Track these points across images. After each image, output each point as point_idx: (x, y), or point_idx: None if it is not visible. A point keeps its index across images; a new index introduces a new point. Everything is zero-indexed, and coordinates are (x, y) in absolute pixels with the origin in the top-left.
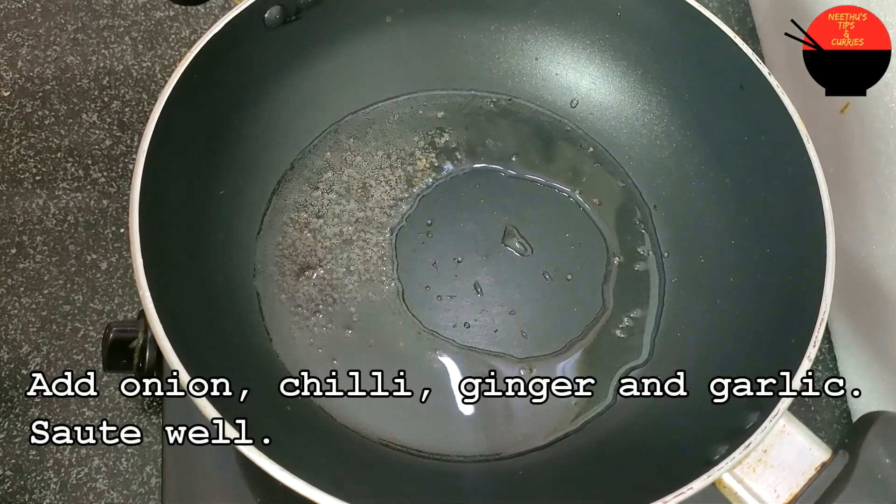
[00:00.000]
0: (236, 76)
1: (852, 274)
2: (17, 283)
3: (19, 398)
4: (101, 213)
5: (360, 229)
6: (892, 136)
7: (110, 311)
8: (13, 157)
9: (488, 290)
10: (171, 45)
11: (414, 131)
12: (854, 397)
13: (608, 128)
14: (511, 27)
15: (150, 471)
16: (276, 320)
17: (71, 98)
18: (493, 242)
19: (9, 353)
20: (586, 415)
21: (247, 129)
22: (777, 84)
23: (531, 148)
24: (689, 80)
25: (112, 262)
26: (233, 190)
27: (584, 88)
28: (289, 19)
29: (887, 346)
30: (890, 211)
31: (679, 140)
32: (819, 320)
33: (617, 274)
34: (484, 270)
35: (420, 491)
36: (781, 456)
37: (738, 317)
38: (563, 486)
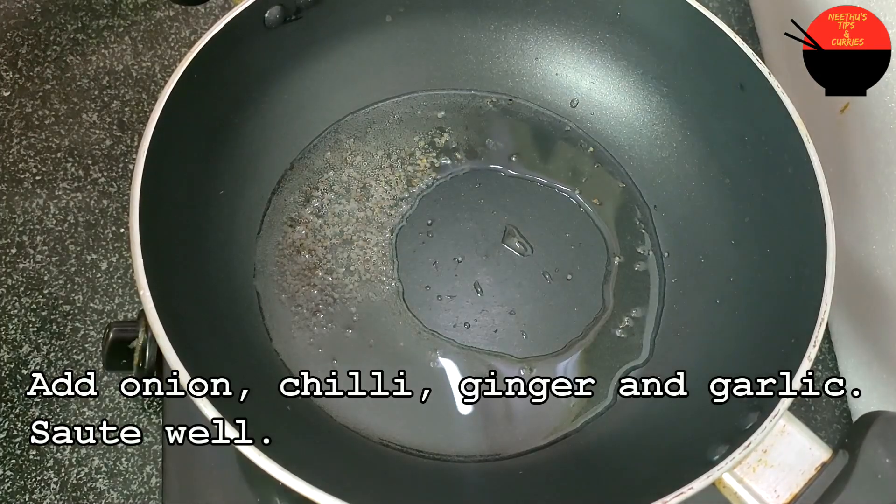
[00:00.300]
0: (236, 76)
1: (852, 274)
2: (17, 283)
3: (19, 398)
4: (101, 213)
5: (360, 229)
6: (892, 136)
7: (110, 311)
8: (13, 157)
9: (488, 290)
10: (171, 45)
11: (414, 131)
12: (854, 397)
13: (608, 128)
14: (511, 27)
15: (150, 471)
16: (276, 320)
17: (71, 98)
18: (493, 242)
19: (9, 353)
20: (586, 415)
21: (247, 129)
22: (777, 84)
23: (531, 148)
24: (689, 80)
25: (112, 262)
26: (233, 190)
27: (584, 88)
28: (289, 19)
29: (887, 346)
30: (890, 211)
31: (679, 140)
32: (819, 320)
33: (617, 274)
34: (484, 270)
35: (420, 491)
36: (781, 456)
37: (738, 317)
38: (563, 486)
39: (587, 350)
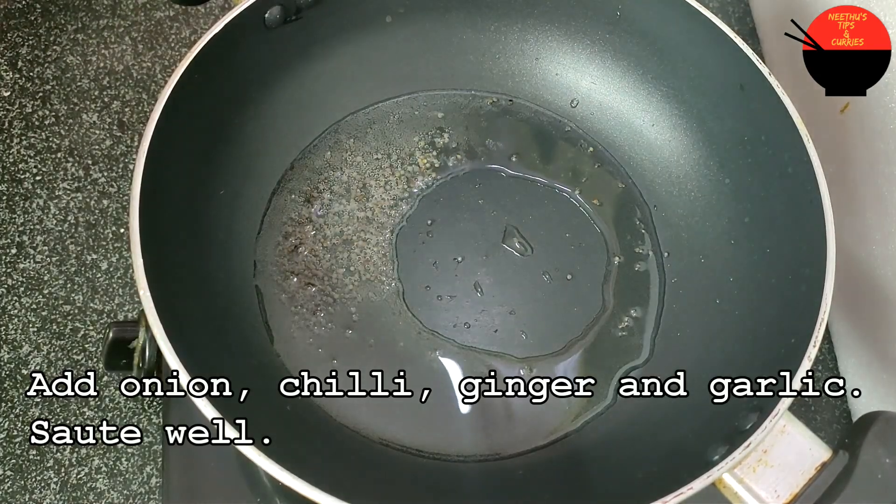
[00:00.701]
0: (236, 76)
1: (853, 274)
2: (17, 283)
3: (19, 398)
4: (101, 213)
5: (360, 229)
6: (892, 136)
7: (110, 311)
8: (13, 157)
9: (488, 290)
10: (171, 45)
11: (414, 131)
12: (854, 397)
13: (608, 128)
14: (511, 27)
15: (150, 471)
16: (277, 320)
17: (71, 98)
18: (493, 242)
19: (9, 353)
20: (586, 415)
21: (247, 129)
22: (777, 84)
23: (531, 148)
24: (689, 80)
25: (112, 262)
26: (233, 190)
27: (584, 88)
28: (289, 19)
29: (888, 346)
30: (890, 211)
31: (679, 140)
32: (819, 320)
33: (617, 274)
34: (484, 270)
35: (420, 491)
36: (781, 456)
37: (738, 317)
38: (563, 486)
39: (587, 350)
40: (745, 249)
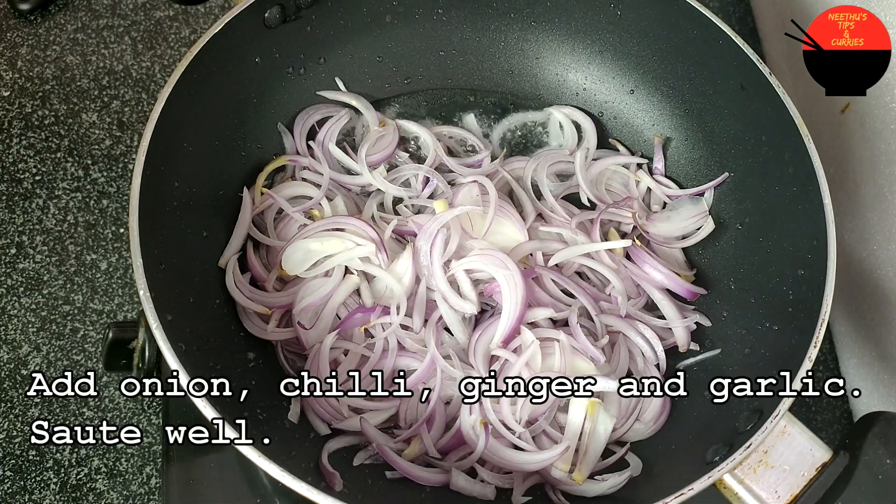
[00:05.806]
0: (236, 76)
1: (853, 274)
2: (17, 283)
3: (19, 398)
4: (100, 213)
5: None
6: (892, 136)
7: (110, 311)
8: (13, 157)
9: None
10: (171, 45)
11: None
12: (854, 397)
13: (608, 128)
14: (511, 27)
15: (150, 471)
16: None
17: (71, 98)
18: None
19: (9, 353)
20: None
21: (247, 129)
22: (777, 84)
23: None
24: (690, 80)
25: (112, 262)
26: (233, 190)
27: (584, 88)
28: (288, 19)
29: (888, 347)
30: (891, 211)
31: (679, 140)
32: (820, 321)
33: None
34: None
35: (420, 492)
36: (782, 457)
37: (738, 317)
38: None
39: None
40: (745, 249)
